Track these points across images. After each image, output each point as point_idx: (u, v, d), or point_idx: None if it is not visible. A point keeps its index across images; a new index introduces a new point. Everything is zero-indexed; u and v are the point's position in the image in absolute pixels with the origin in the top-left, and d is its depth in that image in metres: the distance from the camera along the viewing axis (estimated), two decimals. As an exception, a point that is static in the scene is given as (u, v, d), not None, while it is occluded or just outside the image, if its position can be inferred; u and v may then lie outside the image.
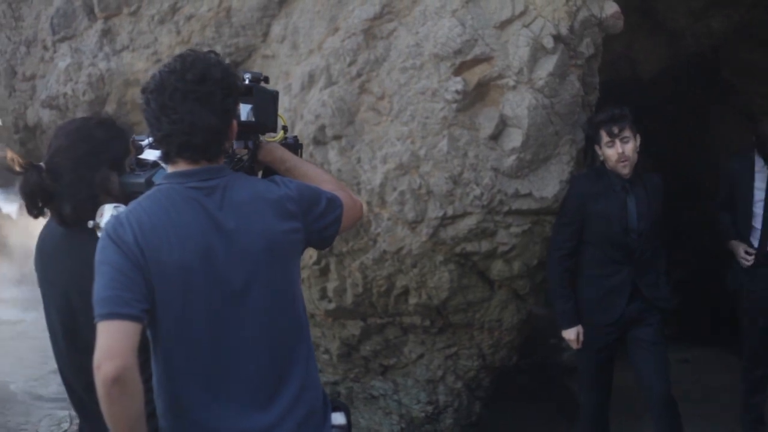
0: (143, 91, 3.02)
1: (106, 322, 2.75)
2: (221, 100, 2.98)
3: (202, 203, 2.96)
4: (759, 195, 6.59)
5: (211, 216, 2.95)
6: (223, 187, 3.01)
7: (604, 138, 5.50)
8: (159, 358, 2.94)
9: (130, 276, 2.82)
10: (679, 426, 5.70)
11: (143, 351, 2.85)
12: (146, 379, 2.88)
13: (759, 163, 6.60)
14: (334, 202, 3.28)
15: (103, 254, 2.87)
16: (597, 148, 5.62)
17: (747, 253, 6.59)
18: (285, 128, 3.62)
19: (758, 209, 6.58)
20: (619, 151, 5.47)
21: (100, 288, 2.81)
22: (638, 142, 5.56)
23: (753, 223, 6.64)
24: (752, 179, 6.61)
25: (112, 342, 2.72)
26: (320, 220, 3.22)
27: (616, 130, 5.46)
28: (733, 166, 6.81)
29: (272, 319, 3.03)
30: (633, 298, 5.63)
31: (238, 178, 3.12)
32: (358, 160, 5.59)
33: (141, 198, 3.02)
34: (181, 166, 3.01)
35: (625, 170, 5.51)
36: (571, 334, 5.68)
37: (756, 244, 6.63)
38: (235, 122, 3.08)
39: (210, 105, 2.95)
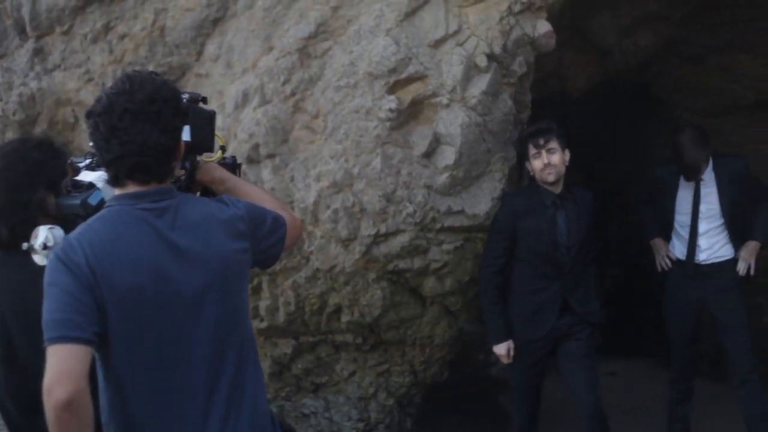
0: (89, 115, 3.03)
1: (57, 346, 2.76)
2: (171, 119, 3.03)
3: (154, 224, 2.99)
4: (685, 206, 6.82)
5: (164, 237, 2.99)
6: (175, 208, 3.05)
7: (531, 150, 5.70)
8: (111, 380, 2.96)
9: (81, 299, 2.82)
10: None
11: (93, 376, 2.88)
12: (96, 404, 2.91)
13: None
14: (278, 221, 3.36)
15: (52, 276, 2.87)
16: (527, 163, 5.80)
17: (668, 258, 6.85)
18: (223, 148, 3.66)
19: (686, 220, 6.82)
20: (545, 161, 5.66)
21: (50, 311, 2.81)
22: (567, 156, 5.76)
23: (678, 234, 6.87)
24: (676, 188, 6.83)
25: (64, 366, 2.73)
26: (267, 239, 3.29)
27: (541, 141, 5.66)
28: (657, 175, 7.04)
29: (225, 339, 3.08)
30: (563, 312, 5.81)
31: (189, 199, 3.17)
32: (292, 179, 5.69)
33: (91, 220, 3.03)
34: (131, 188, 3.04)
35: (550, 178, 5.68)
36: (501, 350, 5.83)
37: (678, 254, 6.86)
38: (183, 142, 3.13)
39: (160, 125, 2.98)
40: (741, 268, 6.73)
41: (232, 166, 3.69)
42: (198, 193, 3.48)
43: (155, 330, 2.95)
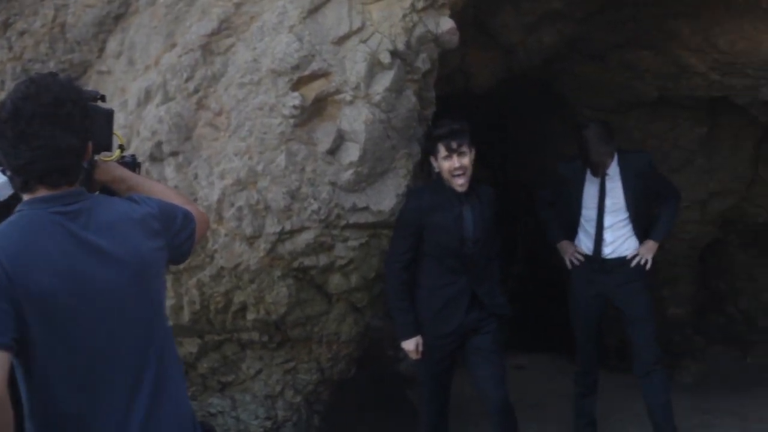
0: None
1: None
2: (80, 120, 3.02)
3: (68, 227, 2.98)
4: (591, 201, 6.97)
5: (80, 239, 2.98)
6: (88, 210, 3.04)
7: (442, 152, 5.77)
8: (32, 384, 2.95)
9: None
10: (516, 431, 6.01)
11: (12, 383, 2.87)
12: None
13: None
14: (188, 217, 3.39)
15: None
16: (433, 160, 5.88)
17: (576, 257, 7.00)
18: (121, 147, 3.64)
19: (591, 214, 6.97)
20: (456, 165, 5.74)
21: None
22: (473, 155, 5.85)
23: (584, 229, 7.02)
24: (582, 184, 6.99)
25: None
26: (179, 236, 3.32)
27: (454, 145, 5.74)
28: (561, 172, 7.18)
29: (147, 338, 3.11)
30: (471, 307, 5.92)
31: (101, 200, 3.17)
32: (196, 176, 5.70)
33: (3, 225, 3.00)
34: (41, 192, 3.01)
35: (461, 182, 5.78)
36: (410, 345, 5.91)
37: (584, 249, 7.02)
38: (90, 143, 3.12)
39: (71, 127, 2.97)
40: (635, 261, 6.92)
41: (132, 164, 3.68)
42: (97, 193, 3.47)
43: (76, 332, 2.95)
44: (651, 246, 6.98)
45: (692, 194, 8.98)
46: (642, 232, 7.01)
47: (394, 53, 5.63)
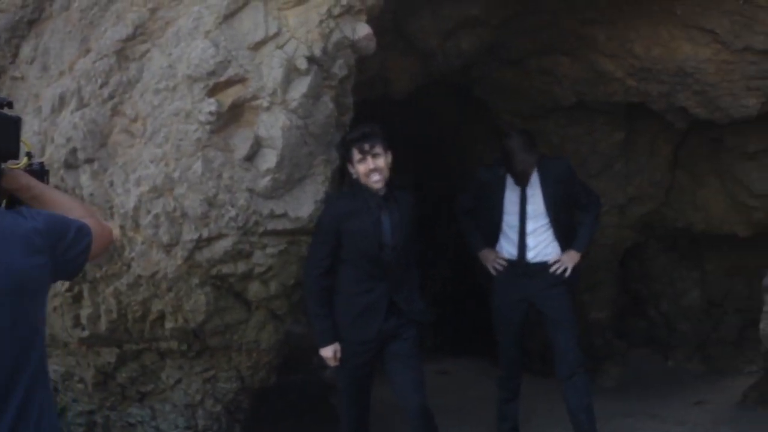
0: None
1: None
2: None
3: None
4: (512, 207, 7.07)
5: None
6: None
7: (356, 155, 5.80)
8: None
9: None
10: None
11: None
12: None
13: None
14: (82, 231, 3.26)
15: None
16: (350, 166, 5.92)
17: (499, 263, 7.10)
18: (29, 154, 3.60)
19: (513, 221, 7.07)
20: (371, 166, 5.77)
21: None
22: (390, 159, 5.88)
23: (506, 235, 7.12)
24: (503, 190, 7.09)
25: None
26: (69, 251, 3.19)
27: (367, 147, 5.77)
28: (482, 177, 7.28)
29: (19, 359, 2.96)
30: (390, 313, 5.95)
31: None
32: (111, 184, 5.68)
33: None
34: None
35: (377, 184, 5.82)
36: (328, 352, 5.94)
37: (506, 254, 7.12)
38: None
39: None
40: (554, 268, 7.04)
41: (40, 172, 3.61)
42: (3, 202, 3.43)
43: None
44: (573, 255, 7.11)
45: (611, 199, 9.13)
46: (563, 237, 7.12)
47: (310, 59, 5.67)
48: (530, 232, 7.06)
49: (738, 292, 10.52)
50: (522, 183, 6.96)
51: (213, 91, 5.55)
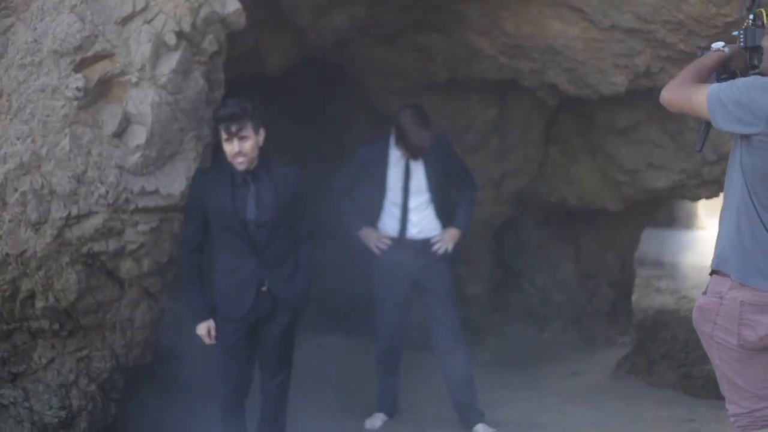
0: None
1: None
2: None
3: None
4: (395, 183, 7.14)
5: None
6: None
7: (223, 134, 5.73)
8: None
9: None
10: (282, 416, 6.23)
11: None
12: None
13: (396, 153, 7.15)
14: None
15: None
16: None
17: (383, 241, 7.15)
18: None
19: (396, 198, 7.14)
20: (236, 149, 5.69)
21: None
22: (262, 137, 5.79)
23: (389, 212, 7.18)
24: (385, 167, 7.15)
25: None
26: None
27: (234, 128, 5.67)
28: (364, 155, 7.32)
29: None
30: (263, 293, 5.92)
31: None
32: (-24, 161, 5.58)
33: None
34: None
35: (241, 167, 5.74)
36: (201, 330, 5.93)
37: (391, 231, 7.17)
38: None
39: None
40: (437, 247, 7.15)
41: None
42: None
43: None
44: (454, 234, 7.25)
45: (486, 174, 9.28)
46: (443, 213, 7.22)
47: (179, 34, 5.62)
48: (413, 208, 7.16)
49: (611, 265, 10.81)
50: (418, 156, 7.04)
51: (80, 67, 5.47)
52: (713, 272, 4.26)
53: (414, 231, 7.19)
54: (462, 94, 9.13)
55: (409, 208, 7.17)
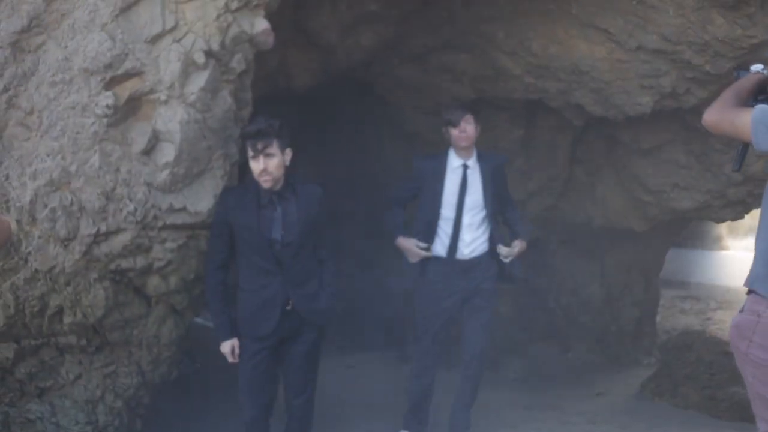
0: None
1: None
2: None
3: None
4: (450, 198, 7.13)
5: None
6: None
7: (249, 152, 5.72)
8: None
9: None
10: None
11: None
12: None
13: (453, 163, 7.15)
14: None
15: None
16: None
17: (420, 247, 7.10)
18: None
19: (450, 213, 7.12)
20: (261, 167, 5.68)
21: None
22: (288, 157, 5.79)
23: (442, 228, 7.14)
24: (442, 179, 7.14)
25: None
26: None
27: (260, 146, 5.66)
28: (419, 167, 7.29)
29: None
30: (289, 312, 5.89)
31: None
32: (7, 177, 5.61)
33: None
34: None
35: (267, 185, 5.73)
36: (226, 348, 5.90)
37: (442, 250, 7.14)
38: None
39: None
40: (505, 254, 7.10)
41: None
42: None
43: None
44: (522, 245, 7.19)
45: (512, 195, 9.24)
46: (493, 235, 7.19)
47: (208, 53, 5.66)
48: (466, 225, 7.10)
49: (636, 285, 10.76)
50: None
51: (110, 85, 5.51)
52: (750, 291, 4.25)
53: (466, 251, 7.12)
54: (488, 114, 9.11)
55: (463, 225, 7.12)
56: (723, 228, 16.73)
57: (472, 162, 7.12)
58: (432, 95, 8.81)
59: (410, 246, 7.15)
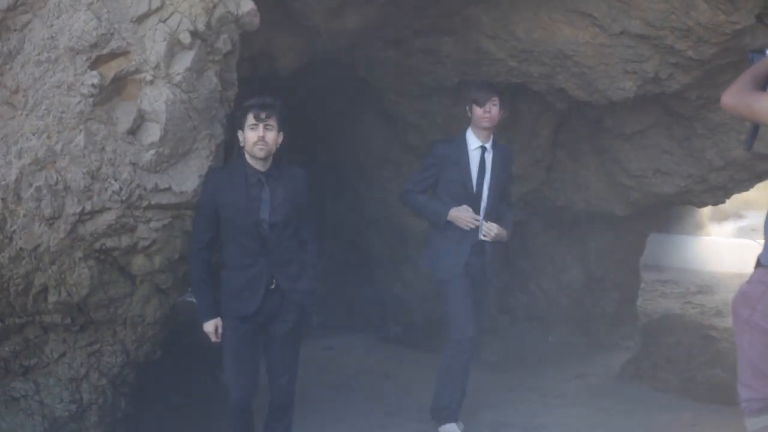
0: None
1: None
2: None
3: None
4: (470, 182, 7.20)
5: None
6: None
7: (250, 120, 5.78)
8: None
9: None
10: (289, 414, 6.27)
11: None
12: None
13: (473, 144, 7.22)
14: None
15: None
16: (240, 133, 5.88)
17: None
18: None
19: (471, 194, 7.20)
20: (260, 134, 5.75)
21: None
22: (280, 138, 5.88)
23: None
24: (465, 161, 7.21)
25: None
26: None
27: (263, 115, 5.76)
28: (440, 153, 7.33)
29: None
30: (272, 291, 5.96)
31: None
32: (-8, 156, 5.62)
33: None
34: None
35: (261, 153, 5.79)
36: (209, 327, 5.96)
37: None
38: None
39: None
40: (485, 231, 7.18)
41: None
42: None
43: None
44: (502, 233, 7.29)
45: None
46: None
47: (194, 33, 5.67)
48: (483, 208, 7.21)
49: (617, 269, 10.80)
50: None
51: (95, 64, 5.53)
52: (758, 265, 4.41)
53: (482, 232, 7.20)
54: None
55: (482, 205, 7.22)
56: (704, 213, 16.79)
57: (489, 146, 7.18)
58: (415, 79, 8.82)
59: (465, 214, 7.16)
